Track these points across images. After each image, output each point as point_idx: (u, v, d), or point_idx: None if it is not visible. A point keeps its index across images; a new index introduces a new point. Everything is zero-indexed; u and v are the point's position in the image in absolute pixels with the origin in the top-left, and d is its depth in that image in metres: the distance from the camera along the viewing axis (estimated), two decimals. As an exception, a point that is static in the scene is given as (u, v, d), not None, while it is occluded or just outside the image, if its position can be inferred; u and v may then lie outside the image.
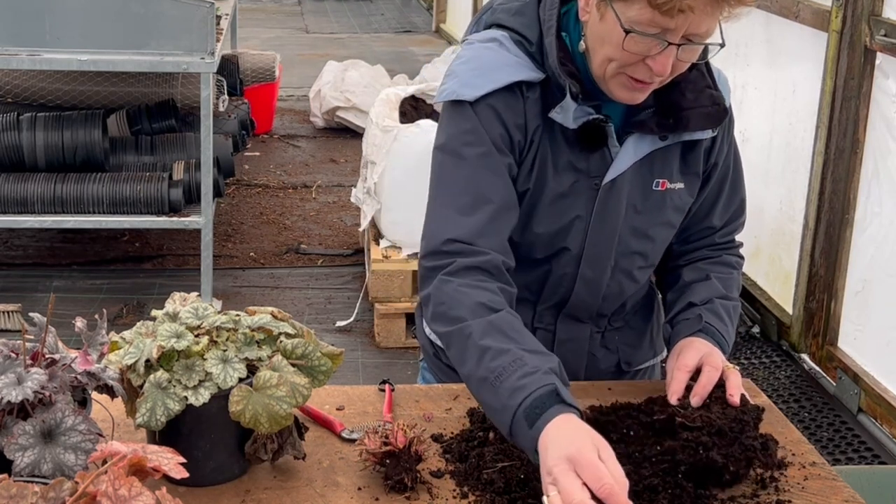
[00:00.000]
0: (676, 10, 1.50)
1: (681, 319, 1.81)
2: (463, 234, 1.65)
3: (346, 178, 6.39)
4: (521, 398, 1.47)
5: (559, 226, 1.74)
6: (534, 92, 1.69)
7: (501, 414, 1.49)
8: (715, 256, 1.90)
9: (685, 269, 1.89)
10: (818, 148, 3.97)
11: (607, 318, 1.89)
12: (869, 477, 2.05)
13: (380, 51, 10.15)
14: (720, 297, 1.83)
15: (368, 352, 4.32)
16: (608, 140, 1.71)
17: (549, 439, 1.42)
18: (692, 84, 1.70)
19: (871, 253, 3.76)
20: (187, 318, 1.49)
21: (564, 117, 1.67)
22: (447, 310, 1.61)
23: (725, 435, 1.54)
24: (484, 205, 1.66)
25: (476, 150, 1.68)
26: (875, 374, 3.72)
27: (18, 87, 5.05)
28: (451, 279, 1.62)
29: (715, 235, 1.90)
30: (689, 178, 1.80)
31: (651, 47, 1.56)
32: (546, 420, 1.44)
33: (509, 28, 1.73)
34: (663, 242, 1.86)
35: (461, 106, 1.69)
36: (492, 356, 1.52)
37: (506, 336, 1.55)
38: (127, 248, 5.26)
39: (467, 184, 1.68)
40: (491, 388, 1.51)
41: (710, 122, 1.74)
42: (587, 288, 1.81)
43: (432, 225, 1.70)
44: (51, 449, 1.27)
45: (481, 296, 1.60)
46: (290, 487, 1.50)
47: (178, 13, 4.15)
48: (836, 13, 3.84)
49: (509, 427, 1.48)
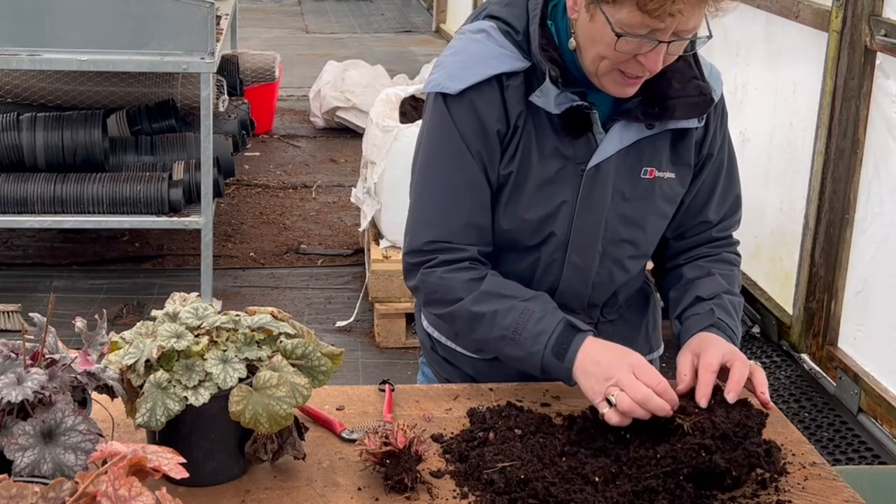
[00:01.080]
0: (666, 14, 1.53)
1: (691, 314, 1.82)
2: (441, 234, 1.78)
3: (346, 178, 6.39)
4: (544, 341, 1.68)
5: (546, 211, 1.77)
6: (516, 80, 1.73)
7: (530, 359, 1.70)
8: (714, 254, 1.91)
9: (686, 267, 1.90)
10: (818, 148, 3.97)
11: (599, 309, 1.91)
12: (869, 477, 2.05)
13: (380, 51, 10.15)
14: (726, 292, 1.84)
15: (368, 352, 4.32)
16: (593, 127, 1.74)
17: (593, 358, 1.64)
18: (679, 74, 1.73)
19: (871, 253, 3.76)
20: (187, 318, 1.49)
21: (545, 101, 1.71)
22: (442, 295, 1.77)
23: (729, 439, 1.53)
24: (459, 204, 1.77)
25: (450, 147, 1.75)
26: (875, 374, 3.72)
27: (18, 87, 5.05)
28: (433, 270, 1.77)
29: (712, 230, 1.91)
30: (679, 169, 1.82)
31: (642, 46, 1.59)
32: (574, 350, 1.66)
33: (499, 18, 1.76)
34: (655, 232, 1.87)
35: (441, 99, 1.75)
36: (501, 316, 1.71)
37: (503, 296, 1.73)
38: (127, 248, 5.26)
39: (443, 182, 1.78)
40: (511, 342, 1.71)
41: (695, 111, 1.76)
42: (576, 275, 1.83)
43: (413, 223, 1.83)
44: (51, 449, 1.27)
45: (465, 275, 1.76)
46: (290, 487, 1.50)
47: (178, 13, 4.15)
48: (836, 13, 3.84)
49: (540, 367, 1.69)
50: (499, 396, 1.76)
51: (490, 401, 1.75)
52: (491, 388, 1.80)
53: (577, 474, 1.52)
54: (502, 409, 1.70)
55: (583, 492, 1.48)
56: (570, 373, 1.66)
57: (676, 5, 1.52)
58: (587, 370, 1.64)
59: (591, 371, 1.63)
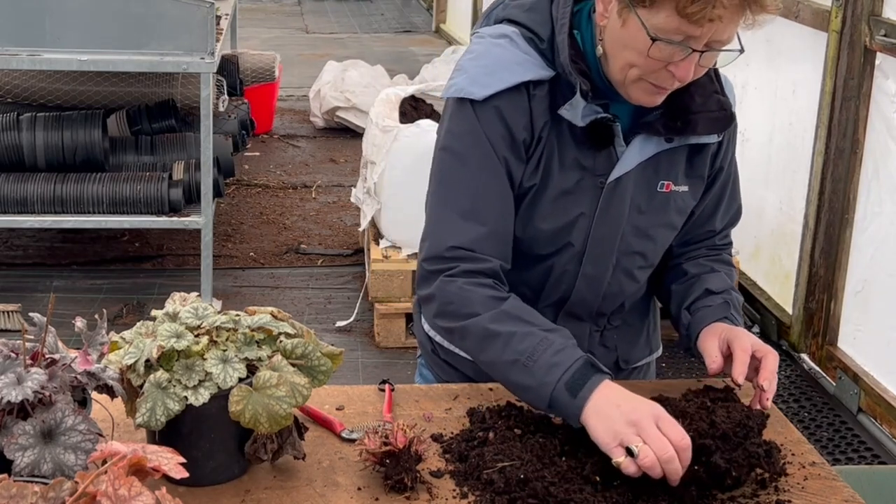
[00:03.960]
0: (707, 19, 1.50)
1: (702, 305, 1.81)
2: (465, 241, 1.69)
3: (346, 178, 6.39)
4: (559, 373, 1.57)
5: (563, 222, 1.75)
6: (542, 89, 1.69)
7: (540, 389, 1.59)
8: (714, 255, 1.92)
9: (687, 264, 1.90)
10: (818, 148, 3.97)
11: (606, 318, 1.89)
12: (869, 477, 2.05)
13: (380, 51, 10.15)
14: (730, 289, 1.85)
15: (368, 352, 4.32)
16: (615, 139, 1.71)
17: (611, 401, 1.53)
18: (701, 88, 1.70)
19: (871, 253, 3.76)
20: (187, 318, 1.49)
21: (573, 114, 1.68)
22: (458, 307, 1.68)
23: (729, 440, 1.53)
24: (485, 210, 1.70)
25: (477, 151, 1.69)
26: (875, 374, 3.72)
27: (18, 87, 5.05)
28: (455, 279, 1.68)
29: (715, 238, 1.92)
30: (693, 182, 1.81)
31: (674, 54, 1.56)
32: (591, 389, 1.55)
33: (521, 24, 1.72)
34: (664, 244, 1.86)
35: (466, 104, 1.70)
36: (518, 340, 1.62)
37: (522, 321, 1.64)
38: (127, 248, 5.26)
39: (468, 187, 1.70)
40: (523, 368, 1.60)
41: (716, 126, 1.75)
42: (588, 286, 1.81)
43: (434, 228, 1.73)
44: (51, 449, 1.27)
45: (487, 291, 1.68)
46: (290, 487, 1.50)
47: (178, 13, 4.15)
48: (836, 13, 3.84)
49: (548, 400, 1.58)
50: (499, 396, 1.76)
51: (490, 401, 1.75)
52: (491, 387, 1.80)
53: (577, 474, 1.52)
54: (502, 409, 1.69)
55: (583, 492, 1.48)
56: (580, 411, 1.55)
57: (717, 10, 1.48)
58: (603, 412, 1.53)
59: (609, 414, 1.52)
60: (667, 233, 1.84)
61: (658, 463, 1.46)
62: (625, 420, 1.49)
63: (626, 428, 1.49)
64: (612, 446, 1.49)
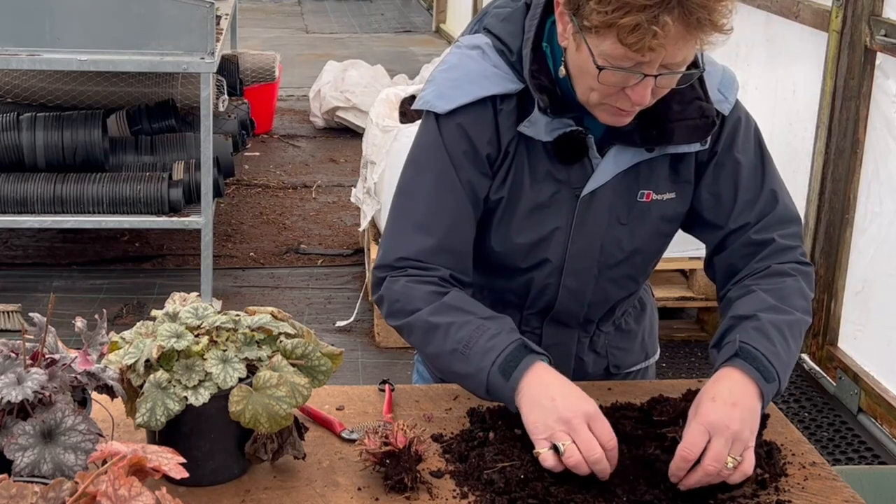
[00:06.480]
0: (646, 48, 1.46)
1: (721, 343, 1.65)
2: (413, 251, 1.69)
3: (346, 178, 6.39)
4: (493, 357, 1.57)
5: (538, 236, 1.73)
6: (509, 103, 1.67)
7: (476, 376, 1.59)
8: (760, 270, 1.73)
9: (733, 290, 1.74)
10: (818, 148, 3.97)
11: (595, 324, 1.87)
12: (869, 477, 2.05)
13: (380, 51, 10.15)
14: (767, 309, 1.65)
15: (368, 352, 4.32)
16: (588, 151, 1.68)
17: (547, 392, 1.52)
18: (679, 95, 1.63)
19: (871, 253, 3.76)
20: (187, 318, 1.49)
21: (535, 131, 1.65)
22: (402, 305, 1.68)
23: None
24: (436, 223, 1.70)
25: (437, 165, 1.70)
26: (875, 374, 3.72)
27: (18, 87, 5.05)
28: (398, 279, 1.69)
29: (750, 233, 1.76)
30: (681, 187, 1.75)
31: (628, 79, 1.52)
32: (522, 370, 1.55)
33: (494, 35, 1.70)
34: (655, 251, 1.82)
35: (431, 117, 1.71)
36: (456, 329, 1.62)
37: (461, 310, 1.64)
38: (127, 248, 5.26)
39: (423, 200, 1.71)
40: (461, 356, 1.60)
41: (696, 135, 1.67)
42: (571, 297, 1.79)
43: (388, 237, 1.75)
44: (51, 449, 1.27)
45: (428, 287, 1.68)
46: (290, 487, 1.50)
47: (178, 13, 4.15)
48: (836, 13, 3.84)
49: (485, 385, 1.58)
50: (499, 396, 1.76)
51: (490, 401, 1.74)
52: (491, 388, 1.80)
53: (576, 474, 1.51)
54: (502, 409, 1.69)
55: (583, 492, 1.48)
56: (513, 393, 1.54)
57: (657, 40, 1.43)
58: (538, 402, 1.52)
59: (543, 404, 1.51)
60: (656, 241, 1.79)
61: (584, 462, 1.46)
62: (557, 416, 1.50)
63: (558, 425, 1.49)
64: (540, 438, 1.50)
